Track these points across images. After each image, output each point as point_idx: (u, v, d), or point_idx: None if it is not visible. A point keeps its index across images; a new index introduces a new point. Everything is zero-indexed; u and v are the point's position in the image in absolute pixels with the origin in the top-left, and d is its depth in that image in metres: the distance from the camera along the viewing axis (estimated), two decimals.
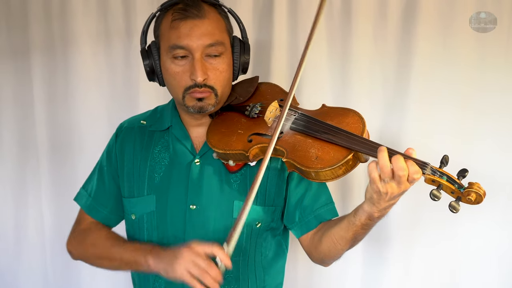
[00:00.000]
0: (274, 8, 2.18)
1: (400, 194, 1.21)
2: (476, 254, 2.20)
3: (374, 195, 1.21)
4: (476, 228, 2.17)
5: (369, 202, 1.25)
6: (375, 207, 1.24)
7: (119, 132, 1.68)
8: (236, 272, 1.54)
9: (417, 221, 2.21)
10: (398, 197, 1.22)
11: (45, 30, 2.35)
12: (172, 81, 1.48)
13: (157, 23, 1.51)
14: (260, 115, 1.49)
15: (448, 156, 1.21)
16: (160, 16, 1.51)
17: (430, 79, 2.13)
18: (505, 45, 2.10)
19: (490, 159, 2.12)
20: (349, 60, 2.18)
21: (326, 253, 1.47)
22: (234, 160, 1.47)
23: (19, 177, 2.48)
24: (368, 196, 1.24)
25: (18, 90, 2.42)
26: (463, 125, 2.13)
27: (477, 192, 1.14)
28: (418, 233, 2.22)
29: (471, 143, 2.13)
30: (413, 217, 2.20)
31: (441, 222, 2.18)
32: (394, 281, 2.27)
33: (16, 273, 2.53)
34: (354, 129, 1.33)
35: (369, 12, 2.15)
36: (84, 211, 1.70)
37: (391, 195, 1.19)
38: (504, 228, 2.17)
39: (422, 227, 2.21)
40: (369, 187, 1.22)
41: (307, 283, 2.32)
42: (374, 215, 1.26)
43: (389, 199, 1.21)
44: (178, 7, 1.44)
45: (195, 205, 1.52)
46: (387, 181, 1.17)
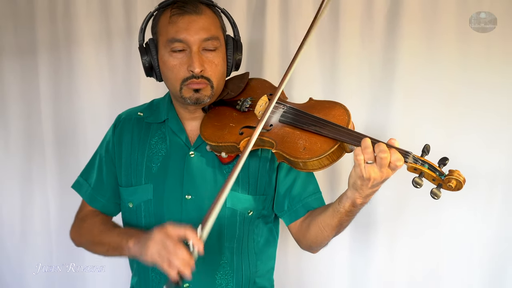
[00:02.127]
0: (267, 10, 2.17)
1: (382, 181, 1.19)
2: (459, 240, 2.20)
3: (358, 181, 1.19)
4: (459, 215, 2.18)
5: (353, 189, 1.23)
6: (358, 193, 1.23)
7: (117, 123, 1.66)
8: (230, 258, 1.53)
9: (402, 209, 2.21)
10: (379, 185, 1.21)
11: (50, 30, 2.34)
12: (170, 73, 1.46)
13: (155, 21, 1.51)
14: (250, 109, 1.48)
15: (429, 145, 1.19)
16: (158, 14, 1.50)
17: (414, 76, 2.12)
18: (486, 44, 2.09)
19: (472, 152, 2.12)
20: (338, 58, 2.17)
21: (313, 239, 1.46)
22: (227, 152, 1.45)
23: (26, 169, 2.48)
24: (351, 182, 1.23)
25: (25, 87, 2.42)
26: (445, 119, 2.13)
27: (457, 179, 1.13)
28: (402, 220, 2.22)
29: (454, 137, 2.13)
30: (398, 205, 2.20)
31: (425, 210, 2.18)
32: (380, 267, 2.26)
33: (22, 259, 2.53)
34: (340, 121, 1.31)
35: (356, 13, 2.14)
36: (85, 201, 1.68)
37: (373, 181, 1.17)
38: (485, 215, 2.17)
39: (406, 215, 2.21)
40: (353, 172, 1.20)
41: (297, 268, 2.32)
42: (357, 201, 1.25)
43: (372, 186, 1.19)
44: (176, 5, 1.44)
45: (190, 195, 1.50)
46: (370, 164, 1.15)
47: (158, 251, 1.26)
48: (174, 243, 1.24)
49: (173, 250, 1.23)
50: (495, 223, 2.16)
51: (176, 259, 1.22)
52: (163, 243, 1.25)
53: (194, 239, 1.24)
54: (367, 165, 1.16)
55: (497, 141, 2.11)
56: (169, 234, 1.26)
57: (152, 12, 1.51)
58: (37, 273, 2.53)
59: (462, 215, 2.18)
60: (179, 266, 1.22)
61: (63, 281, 2.50)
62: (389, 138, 1.19)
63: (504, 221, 2.15)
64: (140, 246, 1.33)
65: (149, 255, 1.28)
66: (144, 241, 1.31)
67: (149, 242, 1.28)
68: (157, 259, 1.26)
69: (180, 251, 1.23)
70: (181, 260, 1.22)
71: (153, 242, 1.27)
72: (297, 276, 2.33)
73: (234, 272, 1.54)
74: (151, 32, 1.52)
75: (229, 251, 1.53)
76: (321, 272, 2.31)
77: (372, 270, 2.27)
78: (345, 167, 2.18)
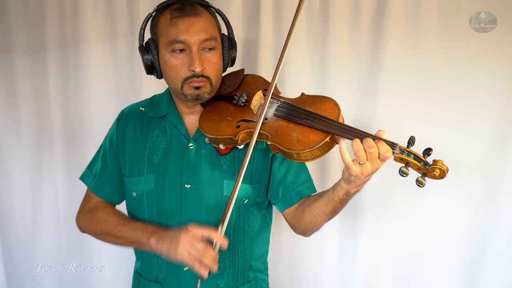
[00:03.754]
0: (261, 11, 2.17)
1: (374, 171, 1.20)
2: (441, 225, 2.21)
3: (351, 177, 1.21)
4: (441, 202, 2.19)
5: (346, 181, 1.25)
6: (352, 185, 1.24)
7: (121, 118, 1.65)
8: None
9: (388, 196, 2.22)
10: (372, 174, 1.22)
11: (59, 30, 2.33)
12: (171, 72, 1.45)
13: (154, 22, 1.49)
14: (246, 103, 1.48)
15: (415, 137, 1.20)
16: (157, 15, 1.48)
17: (399, 73, 2.13)
18: (465, 44, 2.09)
19: (454, 143, 2.13)
20: (327, 56, 2.17)
21: (307, 225, 1.46)
22: (224, 144, 1.45)
23: (36, 160, 2.47)
24: (345, 177, 1.24)
25: (35, 84, 2.40)
26: (429, 113, 2.14)
27: (441, 168, 1.14)
28: (388, 207, 2.23)
29: (437, 130, 2.13)
30: (384, 193, 2.21)
31: (410, 197, 2.20)
32: (368, 250, 2.27)
33: (33, 244, 2.53)
34: (330, 114, 1.31)
35: (345, 15, 2.14)
36: (91, 190, 1.68)
37: (366, 173, 1.18)
38: (465, 201, 2.18)
39: (392, 202, 2.22)
40: (346, 170, 1.22)
41: (289, 252, 2.33)
42: (351, 191, 1.27)
43: (365, 177, 1.21)
44: (175, 6, 1.43)
45: (189, 184, 1.49)
46: (362, 163, 1.17)
47: (188, 252, 1.33)
48: (203, 245, 1.32)
49: (203, 251, 1.32)
50: (475, 208, 2.18)
51: (206, 259, 1.31)
52: (192, 245, 1.33)
53: (219, 238, 1.33)
54: (358, 165, 1.18)
55: (477, 133, 2.12)
56: (196, 236, 1.34)
57: (150, 13, 1.50)
58: (37, 273, 2.55)
59: (445, 202, 2.19)
60: (209, 264, 1.31)
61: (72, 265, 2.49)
62: (378, 130, 1.19)
63: (483, 207, 2.17)
64: (167, 245, 1.38)
65: (179, 255, 1.34)
66: (170, 241, 1.37)
67: (178, 243, 1.34)
68: (187, 259, 1.33)
69: (209, 251, 1.32)
70: (210, 258, 1.32)
71: (182, 243, 1.34)
72: (290, 259, 2.33)
73: (230, 256, 1.54)
74: (151, 33, 1.51)
75: (226, 236, 1.51)
76: (312, 255, 2.32)
77: (360, 253, 2.27)
78: (334, 157, 2.18)
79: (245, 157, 1.33)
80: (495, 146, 2.12)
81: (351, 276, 2.30)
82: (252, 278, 1.60)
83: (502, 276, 2.19)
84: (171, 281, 1.54)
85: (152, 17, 1.50)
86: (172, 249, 1.35)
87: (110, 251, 2.37)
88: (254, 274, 1.61)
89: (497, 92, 2.09)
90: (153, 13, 1.50)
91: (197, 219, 1.47)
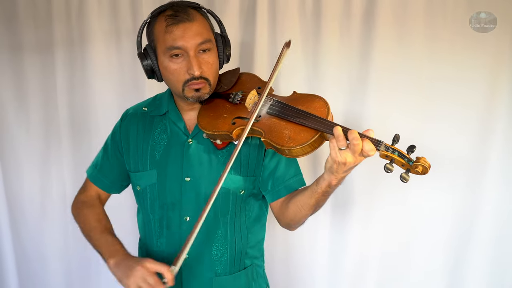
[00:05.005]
0: (257, 13, 2.16)
1: (354, 166, 1.21)
2: (426, 216, 2.23)
3: (334, 165, 1.21)
4: (427, 194, 2.20)
5: (329, 172, 1.25)
6: (333, 176, 1.24)
7: (124, 118, 1.66)
8: (224, 232, 1.54)
9: (376, 190, 2.22)
10: (352, 169, 1.22)
11: (66, 30, 2.32)
12: (171, 77, 1.45)
13: (150, 29, 1.48)
14: (241, 101, 1.47)
15: (399, 135, 1.19)
16: (151, 22, 1.47)
17: (387, 70, 2.13)
18: (449, 43, 2.09)
19: (439, 139, 2.13)
20: (319, 54, 2.17)
21: (292, 217, 1.46)
22: (221, 139, 1.45)
23: (45, 152, 2.47)
24: (328, 166, 1.24)
25: (44, 80, 2.40)
26: (415, 109, 2.14)
27: (423, 165, 1.14)
28: (376, 200, 2.24)
29: (423, 125, 2.14)
30: (372, 187, 2.22)
31: (396, 190, 2.20)
32: (357, 240, 2.29)
33: (42, 230, 2.54)
34: (320, 112, 1.31)
35: (336, 15, 2.14)
36: (90, 180, 1.70)
37: (349, 164, 1.19)
38: (449, 193, 2.19)
39: (380, 195, 2.23)
40: (329, 158, 1.22)
41: (284, 240, 2.34)
42: (332, 182, 1.26)
43: (346, 170, 1.21)
44: (169, 13, 1.41)
45: (189, 177, 1.50)
46: (344, 150, 1.17)
47: (138, 284, 1.32)
48: (154, 280, 1.31)
49: (153, 285, 1.31)
50: (458, 200, 2.19)
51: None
52: (143, 279, 1.32)
53: (169, 276, 1.32)
54: (340, 151, 1.18)
55: (461, 129, 2.12)
56: (149, 270, 1.33)
57: (145, 20, 1.49)
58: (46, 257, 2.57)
59: (430, 194, 2.20)
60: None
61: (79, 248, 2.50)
62: (367, 129, 1.19)
63: (466, 199, 2.18)
64: (121, 272, 1.38)
65: (129, 285, 1.33)
66: (125, 271, 1.36)
67: (132, 274, 1.34)
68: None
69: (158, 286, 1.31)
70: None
71: (134, 276, 1.33)
72: (284, 247, 2.34)
73: (228, 244, 1.54)
74: (148, 39, 1.50)
75: (223, 226, 1.53)
76: (305, 243, 2.33)
77: (350, 242, 2.29)
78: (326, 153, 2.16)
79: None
80: (477, 141, 2.13)
81: (341, 263, 2.31)
82: (248, 264, 1.61)
83: (484, 261, 2.21)
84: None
85: (147, 24, 1.49)
86: (124, 278, 1.35)
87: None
88: (251, 261, 1.62)
89: (480, 90, 2.09)
90: (147, 20, 1.48)
91: (196, 210, 1.48)
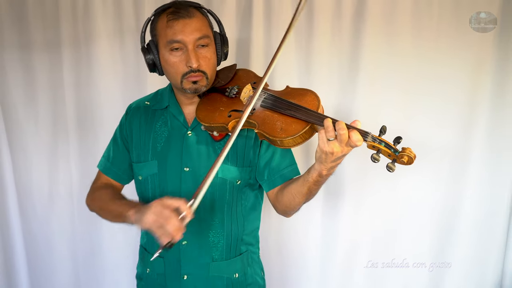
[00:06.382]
0: (253, 12, 2.15)
1: (342, 156, 1.21)
2: (413, 203, 2.23)
3: (322, 155, 1.21)
4: (413, 182, 2.21)
5: (319, 162, 1.24)
6: (323, 165, 1.24)
7: (128, 111, 1.67)
8: (221, 219, 1.54)
9: (365, 178, 2.22)
10: (340, 159, 1.22)
11: (72, 29, 2.31)
12: (171, 69, 1.46)
13: (153, 25, 1.49)
14: (237, 95, 1.48)
15: (386, 126, 1.19)
16: (155, 19, 1.49)
17: (376, 67, 2.12)
18: (434, 42, 2.09)
19: (425, 130, 2.14)
20: (312, 52, 2.16)
21: (287, 204, 1.46)
22: (218, 131, 1.46)
23: (53, 146, 2.46)
24: (317, 156, 1.24)
25: (52, 77, 2.38)
26: (402, 103, 2.14)
27: (409, 155, 1.13)
28: (365, 188, 2.24)
29: (409, 118, 2.14)
30: (361, 175, 2.22)
31: (384, 179, 2.21)
32: (348, 226, 2.29)
33: (50, 220, 2.53)
34: (311, 105, 1.31)
35: (328, 14, 2.13)
36: (102, 172, 1.68)
37: (336, 154, 1.18)
38: (434, 182, 2.20)
39: (369, 183, 2.23)
40: (318, 148, 1.21)
41: (278, 227, 2.34)
42: (322, 172, 1.26)
43: (334, 160, 1.21)
44: (171, 10, 1.44)
45: (188, 168, 1.50)
46: (332, 141, 1.17)
47: (154, 219, 1.23)
48: (170, 213, 1.22)
49: (167, 217, 1.21)
50: (443, 188, 2.20)
51: (170, 226, 1.20)
52: (159, 212, 1.23)
53: (187, 210, 1.23)
54: (328, 142, 1.17)
55: (445, 121, 2.13)
56: (165, 205, 1.24)
57: (149, 18, 1.50)
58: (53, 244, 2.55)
59: (416, 182, 2.21)
60: (171, 231, 1.21)
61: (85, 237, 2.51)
62: (354, 120, 1.19)
63: (450, 187, 2.19)
64: (139, 214, 1.29)
65: (145, 221, 1.25)
66: (143, 210, 1.28)
67: (147, 211, 1.26)
68: (152, 225, 1.23)
69: (174, 220, 1.21)
70: (173, 225, 1.21)
71: (150, 211, 1.25)
72: (279, 234, 2.34)
73: (224, 231, 1.55)
74: (150, 35, 1.51)
75: (220, 214, 1.53)
76: (298, 230, 2.33)
77: (341, 228, 2.28)
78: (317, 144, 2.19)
79: (228, 140, 1.30)
80: (460, 133, 2.13)
81: (333, 249, 2.31)
82: (244, 250, 1.61)
83: (467, 245, 2.22)
84: (171, 255, 1.55)
85: (150, 21, 1.51)
86: (142, 217, 1.26)
87: (119, 227, 2.36)
88: (246, 247, 1.62)
89: (463, 86, 2.10)
90: (151, 17, 1.50)
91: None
